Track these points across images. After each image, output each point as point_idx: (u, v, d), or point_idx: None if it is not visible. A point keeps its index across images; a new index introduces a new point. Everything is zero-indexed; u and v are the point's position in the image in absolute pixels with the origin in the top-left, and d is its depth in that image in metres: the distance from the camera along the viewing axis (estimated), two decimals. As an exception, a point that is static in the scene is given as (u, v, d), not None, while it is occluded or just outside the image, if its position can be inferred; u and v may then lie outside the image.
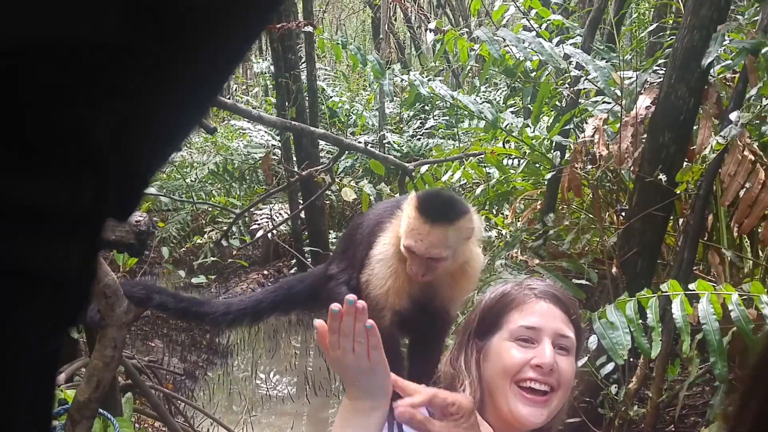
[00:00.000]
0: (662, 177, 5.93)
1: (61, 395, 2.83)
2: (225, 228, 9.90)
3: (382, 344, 1.68)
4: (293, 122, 6.10)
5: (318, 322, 1.70)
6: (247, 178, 14.37)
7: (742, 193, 5.59)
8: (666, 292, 4.58)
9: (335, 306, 1.65)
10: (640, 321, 4.56)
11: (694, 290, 4.53)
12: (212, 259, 9.62)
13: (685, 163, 6.10)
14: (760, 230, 5.88)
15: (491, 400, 1.97)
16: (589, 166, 6.74)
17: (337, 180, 7.36)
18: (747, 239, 6.56)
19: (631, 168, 6.47)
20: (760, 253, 6.46)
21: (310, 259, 10.88)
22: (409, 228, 1.89)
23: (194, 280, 6.38)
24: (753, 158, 5.49)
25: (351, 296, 1.67)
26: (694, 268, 6.09)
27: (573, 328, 2.00)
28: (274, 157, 9.99)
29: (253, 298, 2.30)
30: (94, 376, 2.37)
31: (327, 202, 12.90)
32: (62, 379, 3.70)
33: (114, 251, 3.56)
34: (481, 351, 2.01)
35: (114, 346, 2.36)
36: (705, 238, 6.42)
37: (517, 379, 1.92)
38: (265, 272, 12.89)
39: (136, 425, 6.13)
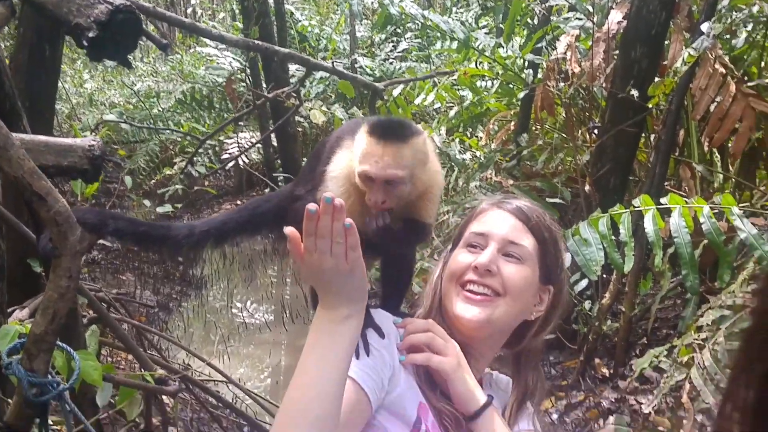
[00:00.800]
0: (634, 93, 5.87)
1: (22, 330, 2.76)
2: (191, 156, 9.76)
3: (360, 244, 1.60)
4: (257, 42, 5.91)
5: (289, 229, 1.60)
6: (216, 106, 14.15)
7: (712, 107, 5.54)
8: (638, 207, 4.55)
9: (312, 206, 1.55)
10: (613, 237, 4.54)
11: (665, 204, 4.50)
12: (179, 187, 9.48)
13: (656, 78, 6.03)
14: (730, 144, 5.86)
15: (444, 307, 1.96)
16: (562, 84, 6.66)
17: (306, 104, 7.21)
18: (717, 153, 6.55)
19: (603, 84, 6.40)
20: (730, 167, 6.46)
21: (283, 187, 10.74)
22: (363, 153, 1.79)
23: (159, 209, 6.24)
24: (724, 71, 5.43)
25: (328, 194, 1.57)
26: (665, 183, 6.08)
27: (534, 240, 1.94)
28: (241, 82, 9.76)
29: (218, 219, 2.20)
30: (50, 308, 2.29)
31: (300, 129, 12.75)
32: (26, 314, 3.63)
33: (70, 179, 3.47)
34: (444, 263, 2.01)
35: (69, 276, 2.28)
36: (676, 153, 6.40)
37: (461, 282, 1.91)
38: (238, 202, 12.80)
39: (109, 359, 6.10)
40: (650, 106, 5.94)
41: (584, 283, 5.53)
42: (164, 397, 4.18)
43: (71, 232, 2.27)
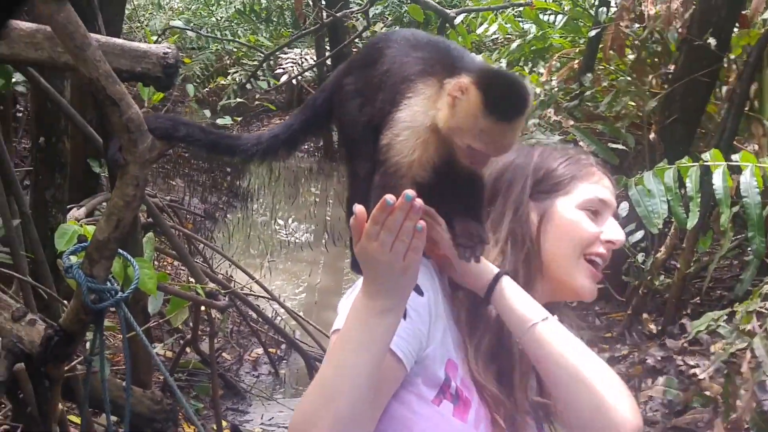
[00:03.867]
0: (712, 41, 5.65)
1: (80, 231, 2.73)
2: (250, 69, 9.64)
3: (422, 248, 1.54)
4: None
5: (359, 208, 1.54)
6: (274, 20, 13.99)
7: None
8: (707, 161, 4.38)
9: (390, 198, 1.49)
10: (677, 190, 4.39)
11: (736, 161, 4.33)
12: (238, 100, 9.39)
13: (736, 29, 5.80)
14: (808, 103, 5.65)
15: (547, 268, 1.86)
16: (636, 26, 6.43)
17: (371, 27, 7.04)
18: (792, 111, 6.31)
19: (679, 30, 6.17)
20: (805, 127, 6.23)
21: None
22: (488, 134, 1.65)
23: (219, 121, 6.16)
24: (810, 26, 5.20)
25: (411, 192, 1.50)
26: (734, 138, 5.89)
27: None
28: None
29: (283, 124, 2.13)
30: (114, 215, 2.25)
31: (354, 50, 12.58)
32: (82, 213, 3.61)
33: (139, 84, 3.40)
34: (542, 213, 1.88)
35: (136, 184, 2.23)
36: (747, 108, 6.17)
37: (588, 252, 1.85)
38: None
39: (155, 263, 6.13)
40: (732, 56, 5.72)
41: (640, 234, 5.40)
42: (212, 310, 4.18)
43: (141, 140, 2.21)
